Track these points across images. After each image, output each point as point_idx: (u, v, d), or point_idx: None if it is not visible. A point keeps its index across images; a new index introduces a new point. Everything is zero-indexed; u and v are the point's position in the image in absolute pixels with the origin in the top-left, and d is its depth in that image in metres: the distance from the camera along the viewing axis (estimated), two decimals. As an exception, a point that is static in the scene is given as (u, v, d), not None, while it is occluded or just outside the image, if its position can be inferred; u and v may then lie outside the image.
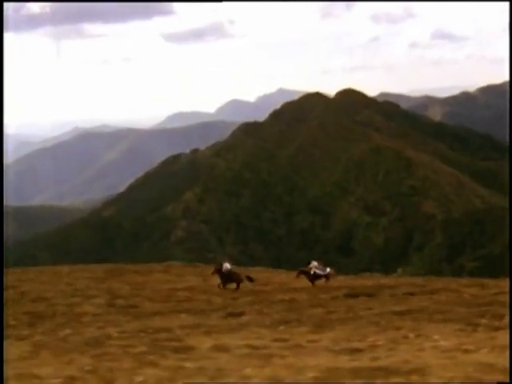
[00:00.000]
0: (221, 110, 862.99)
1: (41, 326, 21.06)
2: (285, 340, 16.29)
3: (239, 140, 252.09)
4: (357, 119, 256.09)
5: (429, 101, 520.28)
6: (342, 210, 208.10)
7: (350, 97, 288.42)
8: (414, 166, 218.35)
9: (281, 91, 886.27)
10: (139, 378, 11.85)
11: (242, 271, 37.26)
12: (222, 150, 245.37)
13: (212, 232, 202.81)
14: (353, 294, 28.22)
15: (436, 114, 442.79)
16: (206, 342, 16.05)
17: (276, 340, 16.36)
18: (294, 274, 38.40)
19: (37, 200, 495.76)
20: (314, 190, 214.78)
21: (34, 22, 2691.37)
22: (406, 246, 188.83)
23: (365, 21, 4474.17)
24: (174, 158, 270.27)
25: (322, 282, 35.91)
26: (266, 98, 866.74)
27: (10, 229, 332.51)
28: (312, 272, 36.10)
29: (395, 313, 21.04)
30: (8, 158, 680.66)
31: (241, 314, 23.03)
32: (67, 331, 19.47)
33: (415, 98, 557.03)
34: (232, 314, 22.82)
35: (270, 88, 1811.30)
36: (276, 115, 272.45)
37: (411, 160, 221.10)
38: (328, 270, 36.56)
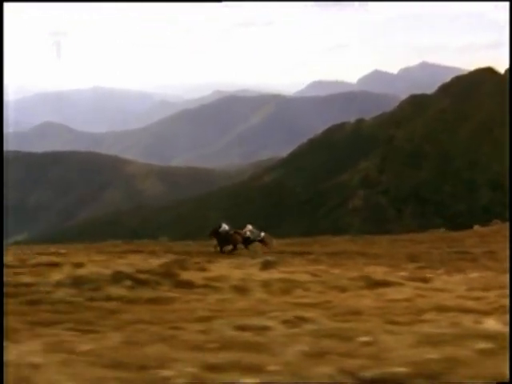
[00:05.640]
0: (362, 80, 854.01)
1: None
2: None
3: (409, 112, 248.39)
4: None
5: None
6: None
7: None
8: None
9: (423, 65, 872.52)
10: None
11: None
12: (399, 120, 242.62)
13: (390, 203, 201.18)
14: None
15: None
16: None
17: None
18: None
19: (177, 161, 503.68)
20: (495, 166, 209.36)
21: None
22: None
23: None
24: (338, 127, 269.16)
25: (256, 246, 35.32)
26: (408, 71, 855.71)
27: (157, 188, 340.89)
28: (246, 235, 35.44)
29: None
30: (148, 118, 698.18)
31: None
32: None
33: None
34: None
35: (412, 61, 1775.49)
36: (445, 89, 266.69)
37: None
38: (262, 234, 35.99)
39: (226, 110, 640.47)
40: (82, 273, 13.82)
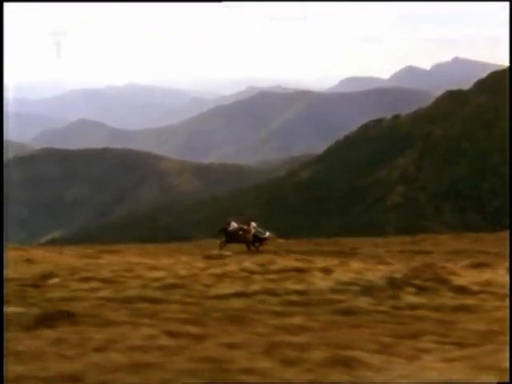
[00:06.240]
0: (395, 76, 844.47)
1: None
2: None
3: (446, 108, 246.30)
4: None
5: None
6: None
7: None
8: None
9: (456, 60, 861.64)
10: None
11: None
12: (436, 116, 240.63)
13: (429, 199, 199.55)
14: None
15: None
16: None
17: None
18: None
19: (211, 158, 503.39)
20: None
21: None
22: None
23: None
24: (375, 123, 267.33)
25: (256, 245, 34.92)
26: (441, 67, 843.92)
27: (191, 184, 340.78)
28: (252, 232, 35.15)
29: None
30: (182, 115, 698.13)
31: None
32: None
33: None
34: None
35: (445, 56, 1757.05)
36: (481, 84, 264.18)
37: None
38: (268, 233, 35.67)
39: (259, 105, 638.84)
40: (342, 279, 14.64)
